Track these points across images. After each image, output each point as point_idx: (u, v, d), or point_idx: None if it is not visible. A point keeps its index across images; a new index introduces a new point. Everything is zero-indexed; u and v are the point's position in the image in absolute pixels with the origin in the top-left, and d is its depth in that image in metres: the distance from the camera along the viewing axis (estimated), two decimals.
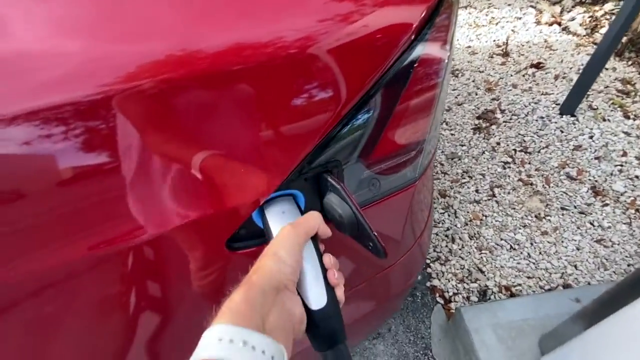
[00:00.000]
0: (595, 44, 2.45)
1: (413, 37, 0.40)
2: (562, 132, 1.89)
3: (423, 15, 0.39)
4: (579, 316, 0.98)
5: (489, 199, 1.70)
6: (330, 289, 0.36)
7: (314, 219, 0.38)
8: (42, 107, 0.30)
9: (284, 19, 0.36)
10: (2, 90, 0.30)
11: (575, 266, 1.45)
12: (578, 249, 1.49)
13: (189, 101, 0.34)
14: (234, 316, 0.30)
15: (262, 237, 0.45)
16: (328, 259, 0.38)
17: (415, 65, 0.42)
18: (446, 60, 0.45)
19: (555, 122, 1.93)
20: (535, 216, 1.61)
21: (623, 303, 0.79)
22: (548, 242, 1.53)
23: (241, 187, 0.39)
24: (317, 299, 0.35)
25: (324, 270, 0.37)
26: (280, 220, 0.40)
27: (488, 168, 1.82)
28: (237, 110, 0.37)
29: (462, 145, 1.93)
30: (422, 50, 0.42)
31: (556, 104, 2.01)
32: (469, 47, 2.56)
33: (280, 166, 0.40)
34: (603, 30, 2.56)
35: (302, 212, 0.43)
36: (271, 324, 0.31)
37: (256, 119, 0.37)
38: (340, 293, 0.37)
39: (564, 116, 1.94)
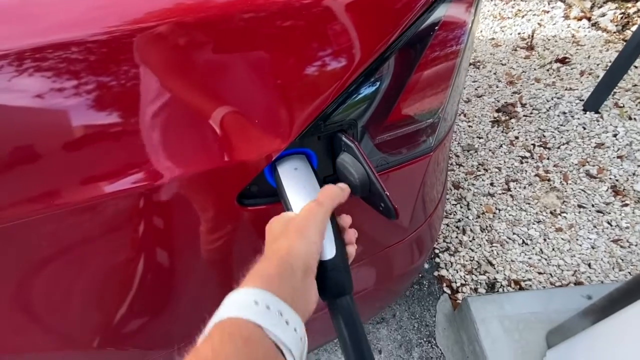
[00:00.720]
0: (625, 41, 2.35)
1: None
2: (584, 128, 1.83)
3: None
4: (587, 312, 0.96)
5: (503, 193, 1.67)
6: (340, 242, 0.36)
7: (337, 196, 0.37)
8: (47, 44, 0.30)
9: None
10: (8, 30, 0.30)
11: (589, 265, 1.41)
12: (593, 248, 1.46)
13: (199, 48, 0.34)
14: (268, 284, 0.28)
15: (272, 196, 0.45)
16: (348, 219, 0.39)
17: (436, 27, 0.41)
18: (470, 25, 0.44)
19: (578, 119, 1.87)
20: (551, 212, 1.58)
21: (632, 300, 0.77)
22: (562, 239, 1.50)
23: (254, 140, 0.39)
24: (327, 250, 0.35)
25: (335, 225, 0.37)
26: (292, 177, 0.40)
27: (505, 162, 1.78)
28: (249, 61, 0.36)
29: (480, 138, 1.90)
30: (445, 12, 0.41)
31: (580, 100, 1.95)
32: (493, 39, 2.50)
33: (293, 122, 0.40)
34: (635, 28, 2.46)
35: (315, 171, 0.43)
36: (295, 306, 0.29)
37: (267, 71, 0.37)
38: (352, 250, 0.37)
39: (588, 113, 1.88)
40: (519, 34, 2.51)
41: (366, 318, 0.98)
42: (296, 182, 0.40)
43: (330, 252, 0.35)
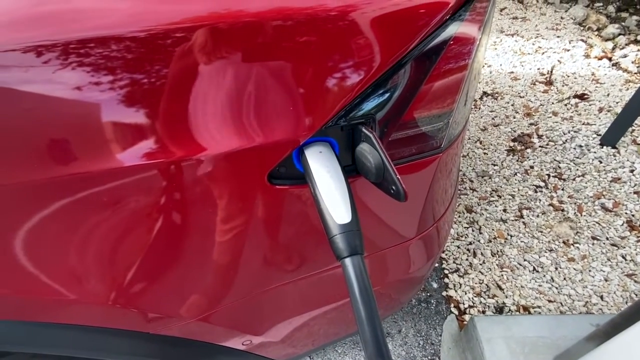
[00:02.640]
0: None
1: (447, 17, 0.47)
2: (600, 162, 1.84)
3: None
4: (592, 337, 0.96)
5: (516, 220, 1.69)
6: (354, 208, 0.42)
7: None
8: (91, 37, 0.37)
9: None
10: (57, 29, 0.37)
11: (602, 297, 1.40)
12: (606, 280, 1.44)
13: (235, 44, 0.40)
14: None
15: (297, 178, 0.52)
16: None
17: (449, 42, 0.48)
18: (477, 43, 0.51)
19: (595, 152, 1.89)
20: (563, 242, 1.58)
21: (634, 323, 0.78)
22: (574, 269, 1.49)
23: (286, 125, 0.46)
24: (344, 215, 0.41)
25: (351, 193, 0.43)
26: (317, 158, 0.47)
27: (519, 190, 1.80)
28: (285, 61, 0.43)
29: (494, 165, 1.93)
30: (456, 29, 0.48)
31: (597, 135, 1.97)
32: (512, 72, 2.57)
33: (320, 112, 0.46)
34: None
35: (338, 160, 0.49)
36: None
37: (301, 69, 0.44)
38: None
39: (605, 147, 1.90)
40: (538, 69, 2.58)
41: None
42: (321, 163, 0.46)
43: (347, 217, 0.41)
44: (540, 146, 1.98)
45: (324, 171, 0.45)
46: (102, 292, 0.54)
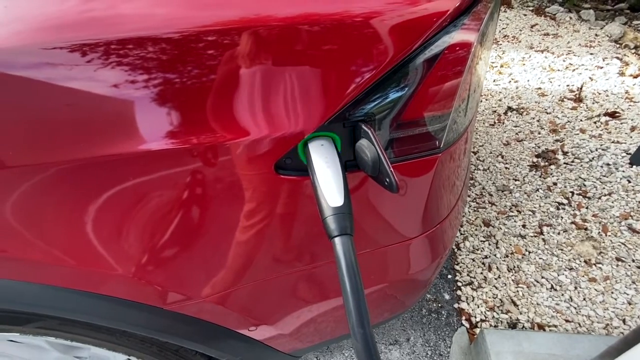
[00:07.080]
0: None
1: (446, 23, 0.51)
2: (629, 182, 1.77)
3: (458, 4, 0.49)
4: (603, 355, 0.94)
5: (535, 236, 1.65)
6: (347, 193, 0.46)
7: None
8: (129, 37, 0.43)
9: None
10: (98, 30, 0.44)
11: (624, 320, 1.34)
12: (630, 304, 1.38)
13: (256, 42, 0.46)
14: None
15: (301, 170, 0.56)
16: None
17: (445, 48, 0.52)
18: (473, 49, 0.55)
19: (623, 171, 1.82)
20: (585, 261, 1.53)
21: None
22: (595, 289, 1.44)
23: (293, 120, 0.51)
24: (337, 199, 0.45)
25: (345, 179, 0.47)
26: (318, 150, 0.51)
27: (540, 206, 1.76)
28: (297, 61, 0.49)
29: (516, 180, 1.90)
30: (454, 35, 0.52)
31: (627, 153, 1.90)
32: (539, 88, 2.53)
33: (324, 109, 0.51)
34: None
35: (338, 153, 0.53)
36: None
37: (311, 68, 0.49)
38: None
39: (634, 167, 1.83)
40: (567, 85, 2.52)
41: (374, 319, 1.00)
42: (320, 154, 0.51)
43: (340, 201, 0.45)
44: (565, 163, 1.94)
45: (322, 161, 0.49)
46: (129, 266, 0.60)
